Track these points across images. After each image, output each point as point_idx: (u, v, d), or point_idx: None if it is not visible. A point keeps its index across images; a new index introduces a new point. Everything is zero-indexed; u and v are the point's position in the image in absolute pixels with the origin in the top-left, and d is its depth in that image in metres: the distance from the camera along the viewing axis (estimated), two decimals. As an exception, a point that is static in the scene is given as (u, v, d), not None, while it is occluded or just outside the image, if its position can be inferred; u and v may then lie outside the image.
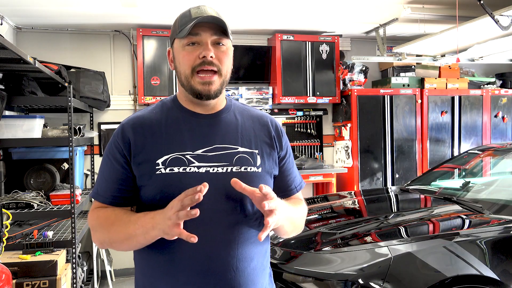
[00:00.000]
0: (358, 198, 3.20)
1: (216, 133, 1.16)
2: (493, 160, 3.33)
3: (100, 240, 1.16)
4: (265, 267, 1.21)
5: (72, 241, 2.83)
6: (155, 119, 1.16)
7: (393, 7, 3.65)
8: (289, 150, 1.29)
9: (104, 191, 1.15)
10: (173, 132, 1.14)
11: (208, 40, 1.11)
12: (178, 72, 1.16)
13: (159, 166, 1.09)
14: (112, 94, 4.20)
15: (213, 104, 1.20)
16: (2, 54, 2.30)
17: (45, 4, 3.33)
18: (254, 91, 4.43)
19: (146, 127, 1.14)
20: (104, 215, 1.13)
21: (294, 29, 4.38)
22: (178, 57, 1.15)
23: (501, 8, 3.00)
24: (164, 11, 3.61)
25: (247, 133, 1.20)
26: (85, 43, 4.17)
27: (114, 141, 1.15)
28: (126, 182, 1.13)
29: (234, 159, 1.14)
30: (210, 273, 1.08)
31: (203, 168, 1.10)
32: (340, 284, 1.93)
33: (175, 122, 1.16)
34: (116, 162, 1.13)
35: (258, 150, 1.19)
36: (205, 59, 1.10)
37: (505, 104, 4.86)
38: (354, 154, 4.45)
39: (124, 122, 1.17)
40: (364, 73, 4.54)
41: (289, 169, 1.29)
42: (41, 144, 3.06)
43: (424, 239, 2.12)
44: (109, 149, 1.16)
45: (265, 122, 1.26)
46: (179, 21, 1.15)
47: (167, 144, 1.12)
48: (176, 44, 1.15)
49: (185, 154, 1.11)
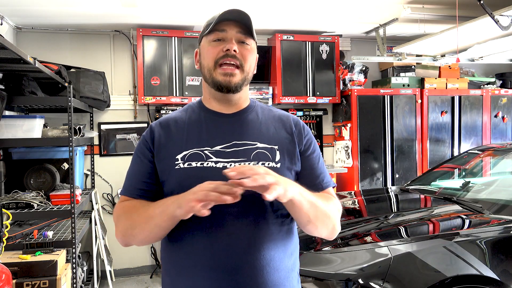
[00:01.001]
0: (358, 198, 3.20)
1: (236, 130, 1.19)
2: (493, 160, 3.33)
3: (122, 230, 1.14)
4: (288, 269, 1.18)
5: (72, 241, 2.83)
6: (180, 118, 1.24)
7: (393, 7, 3.65)
8: (313, 147, 1.27)
9: (131, 186, 1.20)
10: (193, 130, 1.20)
11: (233, 36, 1.17)
12: (202, 66, 1.21)
13: (178, 161, 1.14)
14: (112, 94, 4.20)
15: (235, 102, 1.23)
16: (2, 54, 2.30)
17: (45, 4, 3.33)
18: (254, 91, 4.42)
19: (170, 126, 1.22)
20: (129, 204, 1.17)
21: (294, 29, 4.38)
22: (203, 52, 1.21)
23: (501, 8, 3.00)
24: (164, 11, 3.61)
25: (267, 129, 1.22)
26: (85, 43, 4.17)
27: (142, 139, 1.24)
28: (152, 176, 1.18)
29: (252, 154, 1.16)
30: (227, 269, 1.09)
31: (221, 163, 1.13)
32: (340, 284, 1.93)
33: (197, 121, 1.22)
34: (144, 157, 1.20)
35: (278, 146, 1.19)
36: (229, 52, 1.15)
37: (505, 104, 4.86)
38: (354, 154, 4.45)
39: (152, 123, 1.27)
40: (364, 73, 4.54)
41: (313, 164, 1.25)
42: (41, 144, 3.06)
43: (424, 239, 2.12)
44: (138, 148, 1.24)
45: (286, 119, 1.28)
46: (208, 22, 1.21)
47: (187, 140, 1.18)
48: (203, 42, 1.21)
49: (203, 150, 1.15)
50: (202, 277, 1.10)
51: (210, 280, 1.09)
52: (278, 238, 1.14)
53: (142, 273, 4.31)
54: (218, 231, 1.10)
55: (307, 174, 1.24)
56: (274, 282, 1.12)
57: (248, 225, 1.10)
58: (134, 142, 4.27)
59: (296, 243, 1.24)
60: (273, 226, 1.13)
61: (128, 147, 4.25)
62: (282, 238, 1.16)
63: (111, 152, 4.23)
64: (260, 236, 1.11)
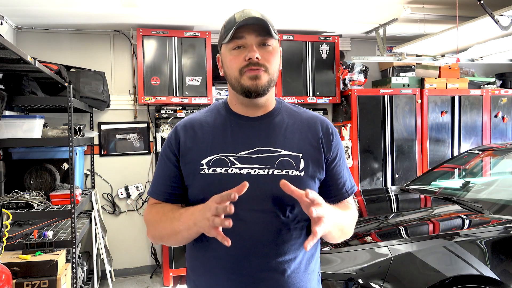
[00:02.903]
0: (358, 198, 3.20)
1: (260, 136, 1.18)
2: (493, 160, 3.33)
3: (152, 235, 1.21)
4: (309, 271, 1.20)
5: (72, 241, 2.83)
6: (205, 121, 1.23)
7: (393, 7, 3.65)
8: (340, 153, 1.26)
9: (158, 188, 1.23)
10: (219, 134, 1.19)
11: (253, 42, 1.14)
12: (228, 76, 1.19)
13: (203, 167, 1.15)
14: (112, 94, 4.20)
15: (262, 105, 1.21)
16: (2, 54, 2.30)
17: (45, 4, 3.33)
18: (254, 91, 4.42)
19: (196, 129, 1.21)
20: (155, 211, 1.20)
21: (294, 29, 4.38)
22: (225, 61, 1.19)
23: (501, 8, 2.99)
24: (164, 11, 3.61)
25: (293, 135, 1.20)
26: (85, 43, 4.17)
27: (168, 141, 1.23)
28: (177, 179, 1.20)
29: (276, 162, 1.15)
30: (247, 272, 1.11)
31: (245, 169, 1.14)
32: (340, 284, 1.93)
33: (222, 124, 1.21)
34: (168, 161, 1.21)
35: (303, 154, 1.18)
36: (251, 60, 1.13)
37: (505, 104, 4.85)
38: (354, 154, 4.45)
39: (177, 124, 1.26)
40: (364, 73, 4.54)
41: (340, 172, 1.25)
42: (41, 144, 3.06)
43: (424, 239, 2.12)
44: (163, 149, 1.25)
45: (314, 123, 1.24)
46: (225, 26, 1.19)
47: (212, 145, 1.17)
48: (223, 50, 1.19)
49: (228, 156, 1.15)
50: (222, 279, 1.13)
51: (231, 282, 1.12)
52: (299, 242, 1.16)
53: (142, 273, 4.31)
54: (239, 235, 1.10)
55: (333, 181, 1.24)
56: (295, 284, 1.14)
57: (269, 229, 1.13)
58: (134, 142, 4.27)
59: (316, 245, 1.25)
60: (294, 231, 1.15)
61: (128, 147, 4.25)
62: (303, 242, 1.16)
63: (111, 152, 4.23)
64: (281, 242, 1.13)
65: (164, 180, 1.21)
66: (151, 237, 1.23)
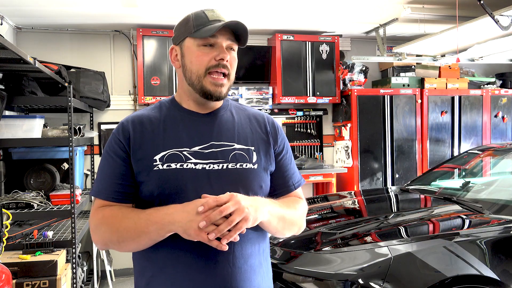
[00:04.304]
0: (358, 198, 3.20)
1: (213, 131, 1.19)
2: (493, 160, 3.33)
3: (104, 240, 1.13)
4: (263, 266, 1.22)
5: (72, 241, 2.83)
6: (154, 117, 1.19)
7: (393, 7, 3.65)
8: (286, 147, 1.31)
9: (107, 188, 1.15)
10: (170, 130, 1.17)
11: (224, 43, 1.15)
12: (188, 70, 1.17)
13: (156, 162, 1.12)
14: (112, 94, 4.20)
15: (213, 104, 1.22)
16: (2, 54, 2.30)
17: (45, 4, 3.33)
18: (254, 91, 4.43)
19: (145, 125, 1.17)
20: (110, 213, 1.12)
21: (294, 29, 4.38)
22: (189, 56, 1.17)
23: (501, 8, 3.00)
24: (164, 11, 3.61)
25: (243, 130, 1.23)
26: (85, 43, 4.17)
27: (114, 137, 1.17)
28: (128, 177, 1.14)
29: (230, 156, 1.17)
30: (207, 268, 1.10)
31: (200, 164, 1.13)
32: (340, 284, 1.93)
33: (172, 120, 1.19)
34: (117, 157, 1.14)
35: (255, 147, 1.22)
36: (221, 61, 1.14)
37: (505, 104, 4.86)
38: (354, 154, 4.45)
39: (123, 120, 1.20)
40: (364, 73, 4.54)
41: (286, 165, 1.29)
42: (41, 144, 3.06)
43: (424, 239, 2.12)
44: (109, 146, 1.17)
45: (261, 119, 1.29)
46: (194, 20, 1.16)
47: (165, 141, 1.15)
48: (189, 43, 1.17)
49: (182, 151, 1.14)
50: (182, 277, 1.10)
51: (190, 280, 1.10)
52: (254, 238, 1.18)
53: (142, 273, 4.30)
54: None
55: (280, 175, 1.28)
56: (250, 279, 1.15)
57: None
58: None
59: (266, 240, 1.27)
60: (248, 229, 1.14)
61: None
62: (258, 236, 1.19)
63: (111, 152, 4.22)
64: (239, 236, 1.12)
65: (114, 178, 1.14)
66: (101, 242, 1.13)
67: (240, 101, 4.45)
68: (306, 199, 3.23)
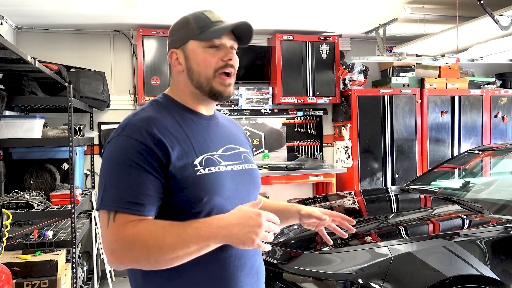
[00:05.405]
0: (358, 198, 3.20)
1: (223, 134, 1.23)
2: (493, 160, 3.33)
3: (138, 259, 0.99)
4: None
5: (72, 241, 2.83)
6: (169, 119, 1.12)
7: (393, 7, 3.65)
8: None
9: (144, 202, 1.01)
10: (193, 133, 1.13)
11: (228, 44, 1.16)
12: (196, 73, 1.15)
13: (197, 167, 1.08)
14: (112, 94, 4.20)
15: (214, 107, 1.26)
16: (2, 54, 2.30)
17: (45, 4, 3.33)
18: (254, 91, 4.43)
19: (169, 128, 1.09)
20: (146, 229, 0.99)
21: (294, 29, 4.38)
22: (196, 58, 1.14)
23: (501, 8, 3.00)
24: (164, 11, 3.61)
25: (238, 133, 1.31)
26: (85, 43, 4.17)
27: (138, 145, 1.02)
28: (161, 188, 1.04)
29: (242, 157, 1.23)
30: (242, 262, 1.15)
31: (229, 166, 1.17)
32: (340, 284, 1.93)
33: (190, 123, 1.15)
34: (149, 167, 1.02)
35: (249, 149, 1.30)
36: (229, 61, 1.15)
37: (505, 104, 4.86)
38: (354, 154, 4.45)
39: (142, 125, 1.06)
40: (364, 73, 4.54)
41: None
42: (41, 144, 3.06)
43: (424, 239, 2.12)
44: (134, 155, 1.02)
45: (238, 125, 1.38)
46: (195, 23, 1.15)
47: (195, 145, 1.11)
48: (193, 46, 1.14)
49: (213, 155, 1.15)
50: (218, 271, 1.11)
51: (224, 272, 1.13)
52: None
53: (142, 273, 4.30)
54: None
55: None
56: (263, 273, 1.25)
57: None
58: (134, 142, 4.26)
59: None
60: None
61: (128, 147, 4.25)
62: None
63: (111, 152, 4.22)
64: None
65: (151, 191, 1.02)
66: (131, 261, 0.99)
67: (240, 101, 4.45)
68: (306, 199, 3.24)
